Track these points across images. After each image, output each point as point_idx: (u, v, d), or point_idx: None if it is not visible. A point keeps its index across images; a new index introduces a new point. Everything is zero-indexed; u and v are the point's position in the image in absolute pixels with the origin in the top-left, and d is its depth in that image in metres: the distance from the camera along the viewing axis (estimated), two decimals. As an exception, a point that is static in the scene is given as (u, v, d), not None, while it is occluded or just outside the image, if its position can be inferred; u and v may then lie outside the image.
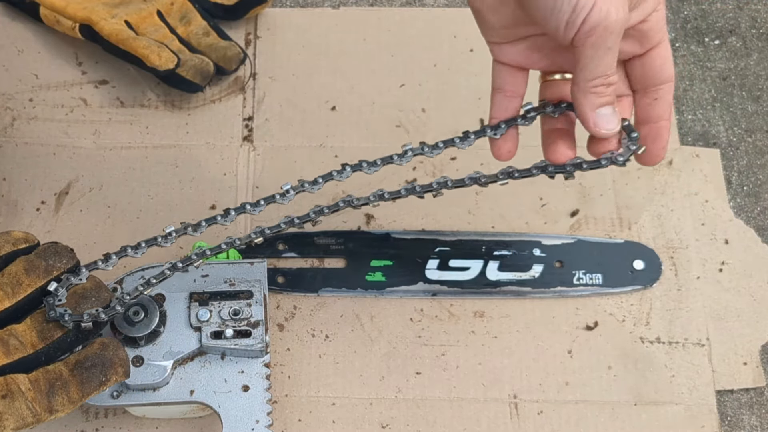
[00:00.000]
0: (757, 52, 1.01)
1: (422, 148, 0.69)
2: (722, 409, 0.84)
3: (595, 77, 0.61)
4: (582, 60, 0.61)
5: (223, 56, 0.93)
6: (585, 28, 0.59)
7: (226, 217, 0.70)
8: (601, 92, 0.62)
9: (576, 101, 0.63)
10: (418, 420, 0.81)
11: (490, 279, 0.86)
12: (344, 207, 0.70)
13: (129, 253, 0.69)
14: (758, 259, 0.90)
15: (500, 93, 0.68)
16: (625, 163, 0.65)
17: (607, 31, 0.59)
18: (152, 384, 0.71)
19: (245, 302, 0.73)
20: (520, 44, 0.66)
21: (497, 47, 0.67)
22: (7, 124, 0.92)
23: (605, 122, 0.63)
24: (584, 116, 0.63)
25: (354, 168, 0.70)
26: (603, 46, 0.60)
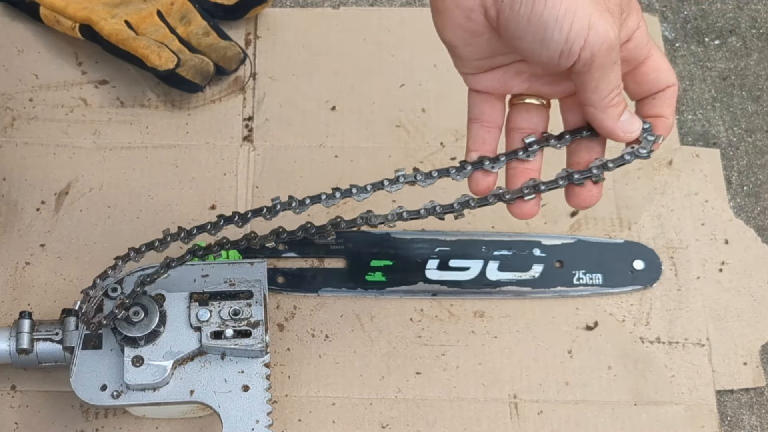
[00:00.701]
0: (757, 52, 1.01)
1: (415, 176, 0.67)
2: (722, 409, 0.84)
3: (609, 92, 0.61)
4: (590, 83, 0.60)
5: (223, 56, 0.93)
6: (586, 55, 0.58)
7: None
8: (617, 102, 0.62)
9: (596, 120, 0.63)
10: (418, 420, 0.81)
11: (490, 279, 0.86)
12: (362, 224, 0.69)
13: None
14: (758, 259, 0.90)
15: (477, 123, 0.66)
16: (649, 155, 0.65)
17: (610, 49, 0.58)
18: (152, 384, 0.71)
19: (245, 302, 0.73)
20: (496, 72, 0.65)
21: (472, 77, 0.65)
22: (7, 124, 0.92)
23: (629, 126, 0.63)
24: (610, 131, 0.63)
25: (344, 194, 0.68)
26: (609, 64, 0.59)
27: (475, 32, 0.61)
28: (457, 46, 0.62)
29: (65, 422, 0.80)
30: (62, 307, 0.77)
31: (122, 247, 0.86)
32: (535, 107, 0.66)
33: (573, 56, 0.58)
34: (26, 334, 0.74)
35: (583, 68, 0.59)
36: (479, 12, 0.59)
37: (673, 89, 0.65)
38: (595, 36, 0.57)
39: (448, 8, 0.60)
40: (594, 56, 0.58)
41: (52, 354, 0.75)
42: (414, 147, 0.93)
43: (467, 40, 0.62)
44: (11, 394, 0.81)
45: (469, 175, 0.66)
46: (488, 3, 0.59)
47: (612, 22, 0.58)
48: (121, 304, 0.71)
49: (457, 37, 0.62)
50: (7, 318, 0.83)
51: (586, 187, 0.66)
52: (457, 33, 0.61)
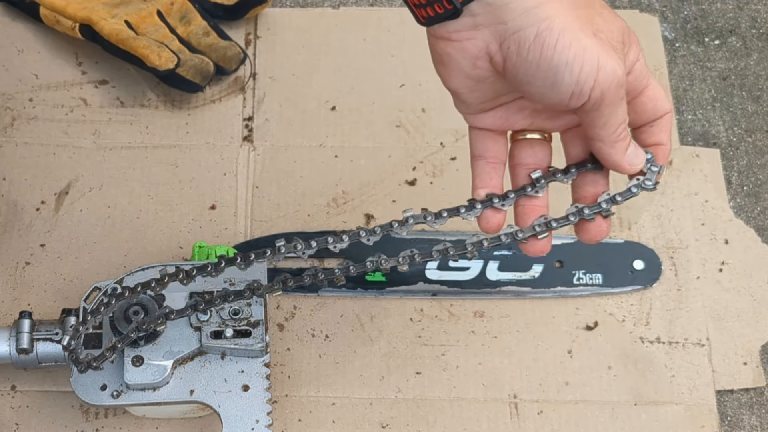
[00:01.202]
0: (757, 52, 1.01)
1: (424, 216, 0.67)
2: (722, 409, 0.84)
3: (618, 127, 0.61)
4: (600, 120, 0.60)
5: (223, 56, 0.93)
6: (596, 95, 0.58)
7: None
8: (625, 137, 0.62)
9: (604, 155, 0.63)
10: (418, 420, 0.81)
11: (490, 279, 0.86)
12: (372, 267, 0.68)
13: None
14: (758, 259, 0.90)
15: (482, 160, 0.66)
16: (655, 187, 0.66)
17: (619, 87, 0.58)
18: (152, 384, 0.71)
19: (245, 302, 0.73)
20: (498, 110, 0.65)
21: (473, 116, 0.65)
22: (7, 124, 0.92)
23: (635, 159, 0.63)
24: (618, 164, 0.63)
25: (351, 237, 0.67)
26: (617, 100, 0.59)
27: (481, 78, 0.61)
28: (462, 93, 0.63)
29: (65, 422, 0.80)
30: (62, 307, 0.77)
31: (122, 247, 0.87)
32: (538, 142, 0.66)
33: (583, 97, 0.58)
34: (26, 334, 0.74)
35: (593, 107, 0.59)
36: (485, 59, 0.60)
37: (669, 116, 0.65)
38: (605, 75, 0.57)
39: (453, 59, 0.60)
40: (604, 95, 0.58)
41: (52, 354, 0.75)
42: (414, 147, 0.93)
43: (472, 86, 0.62)
44: (11, 394, 0.81)
45: (479, 214, 0.66)
46: (493, 50, 0.59)
47: (618, 60, 0.58)
48: (112, 346, 0.70)
49: (463, 86, 0.62)
50: (7, 318, 0.83)
51: (596, 222, 0.66)
52: (463, 81, 0.62)
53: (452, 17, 0.58)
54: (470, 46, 0.59)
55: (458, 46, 0.59)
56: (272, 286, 0.69)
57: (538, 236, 0.65)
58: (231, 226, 0.88)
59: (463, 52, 0.60)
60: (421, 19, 0.60)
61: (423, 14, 0.59)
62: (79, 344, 0.70)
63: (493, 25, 0.58)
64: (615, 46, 0.59)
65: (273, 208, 0.90)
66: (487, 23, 0.58)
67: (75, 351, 0.70)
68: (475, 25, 0.58)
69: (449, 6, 0.58)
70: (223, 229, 0.88)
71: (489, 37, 0.58)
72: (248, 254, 0.68)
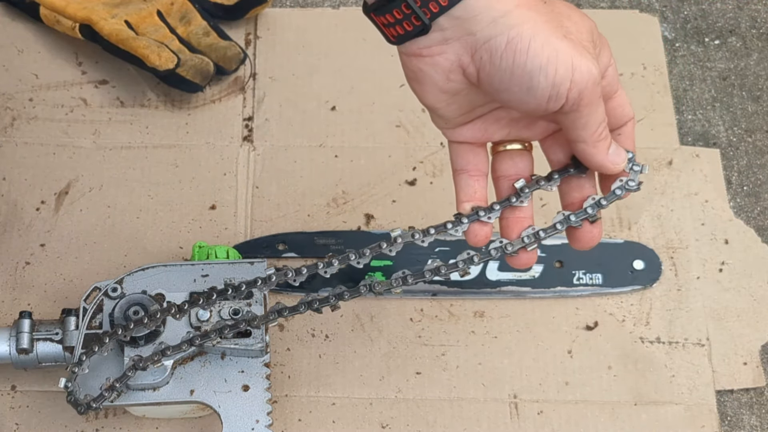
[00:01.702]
0: (757, 52, 1.01)
1: (412, 234, 0.67)
2: (722, 409, 0.84)
3: (598, 127, 0.61)
4: (580, 120, 0.60)
5: (223, 56, 0.93)
6: (573, 95, 0.58)
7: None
8: (606, 136, 0.62)
9: (588, 156, 0.63)
10: (418, 420, 0.81)
11: (490, 279, 0.86)
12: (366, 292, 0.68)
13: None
14: (758, 259, 0.90)
15: (464, 174, 0.66)
16: (639, 187, 0.66)
17: (595, 85, 0.58)
18: (152, 384, 0.71)
19: (245, 302, 0.73)
20: (476, 122, 0.65)
21: (451, 131, 0.65)
22: (7, 124, 0.92)
23: (618, 157, 0.63)
24: (601, 164, 0.63)
25: (341, 261, 0.67)
26: (595, 100, 0.59)
27: (456, 91, 0.61)
28: (439, 108, 0.63)
29: (65, 422, 0.80)
30: (62, 307, 0.77)
31: (122, 247, 0.87)
32: (518, 152, 0.66)
33: (561, 99, 0.58)
34: (26, 334, 0.74)
35: (572, 108, 0.59)
36: (458, 72, 0.60)
37: (632, 122, 0.66)
38: (580, 76, 0.57)
39: (427, 74, 0.60)
40: (581, 95, 0.58)
41: (52, 354, 0.75)
42: (414, 147, 0.93)
43: (448, 100, 0.62)
44: (11, 394, 0.81)
45: (465, 229, 0.66)
46: (465, 62, 0.59)
47: (592, 59, 0.58)
48: (111, 386, 0.70)
49: (438, 100, 0.62)
50: (7, 318, 0.83)
51: (585, 229, 0.66)
52: (439, 96, 0.62)
53: (421, 33, 0.58)
54: (442, 60, 0.59)
55: (430, 62, 0.60)
56: (267, 316, 0.70)
57: (527, 248, 0.65)
58: (231, 226, 0.88)
59: (436, 66, 0.60)
60: (390, 38, 0.60)
61: (393, 33, 0.59)
62: (77, 386, 0.70)
63: (463, 37, 0.58)
64: (587, 46, 0.59)
65: (273, 208, 0.90)
66: (456, 36, 0.58)
67: (73, 393, 0.70)
68: (445, 39, 0.58)
69: (417, 23, 0.58)
70: (223, 229, 0.88)
71: (460, 50, 0.59)
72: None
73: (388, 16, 0.59)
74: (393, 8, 0.58)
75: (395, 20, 0.58)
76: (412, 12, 0.57)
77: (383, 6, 0.58)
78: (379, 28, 0.60)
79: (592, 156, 0.63)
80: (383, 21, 0.59)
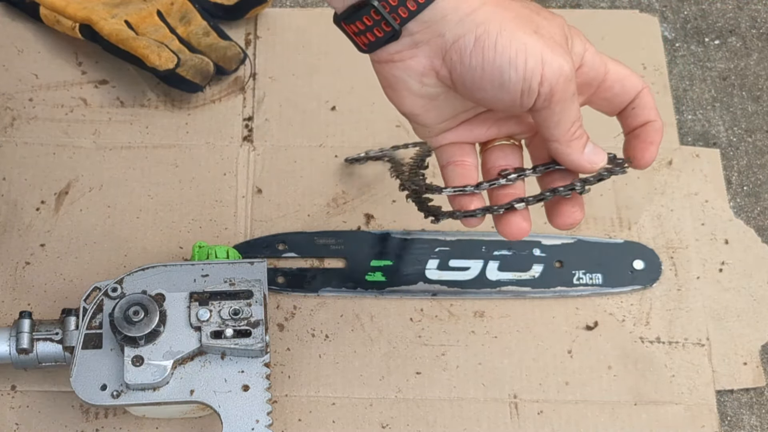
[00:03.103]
0: (757, 52, 1.01)
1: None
2: (722, 409, 0.84)
3: (571, 125, 0.60)
4: (552, 118, 0.60)
5: (223, 56, 0.93)
6: (545, 90, 0.58)
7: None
8: (580, 135, 0.61)
9: (562, 155, 0.62)
10: (418, 420, 0.81)
11: (490, 279, 0.86)
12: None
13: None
14: (758, 259, 0.90)
15: (450, 165, 0.65)
16: (625, 170, 0.65)
17: (567, 81, 0.58)
18: (152, 384, 0.71)
19: (245, 302, 0.73)
20: (460, 127, 0.64)
21: (435, 139, 0.65)
22: (7, 124, 0.92)
23: (594, 157, 0.62)
24: (577, 163, 0.62)
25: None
26: (568, 96, 0.59)
27: (432, 96, 0.61)
28: (418, 114, 0.62)
29: (65, 422, 0.80)
30: (62, 307, 0.77)
31: (122, 247, 0.87)
32: (508, 147, 0.65)
33: (533, 94, 0.58)
34: (26, 334, 0.74)
35: (544, 104, 0.59)
36: (431, 75, 0.60)
37: (645, 92, 0.64)
38: (551, 70, 0.57)
39: (400, 80, 0.60)
40: (553, 90, 0.58)
41: (52, 354, 0.75)
42: (414, 147, 0.93)
43: (426, 106, 0.62)
44: (11, 395, 0.81)
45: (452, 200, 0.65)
46: (437, 64, 0.59)
47: (564, 54, 0.58)
48: None
49: (416, 106, 0.62)
50: (7, 318, 0.83)
51: (568, 206, 0.64)
52: (415, 101, 0.61)
53: (392, 39, 0.58)
54: (414, 64, 0.59)
55: (402, 66, 0.60)
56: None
57: (515, 206, 0.63)
58: (231, 226, 0.88)
59: (408, 71, 0.60)
60: (362, 46, 0.60)
61: (364, 41, 0.60)
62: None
63: (432, 39, 0.58)
64: (559, 42, 0.58)
65: (273, 208, 0.90)
66: (426, 39, 0.58)
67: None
68: (415, 43, 0.59)
69: (388, 29, 0.58)
70: (223, 229, 0.88)
71: (430, 53, 0.59)
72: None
73: (358, 24, 0.59)
74: (362, 15, 0.58)
75: (365, 27, 0.58)
76: (381, 18, 0.58)
77: (353, 14, 0.59)
78: (350, 37, 0.61)
79: (567, 155, 0.62)
80: (354, 29, 0.59)
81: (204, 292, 0.74)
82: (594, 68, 0.62)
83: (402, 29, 0.58)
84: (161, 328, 0.72)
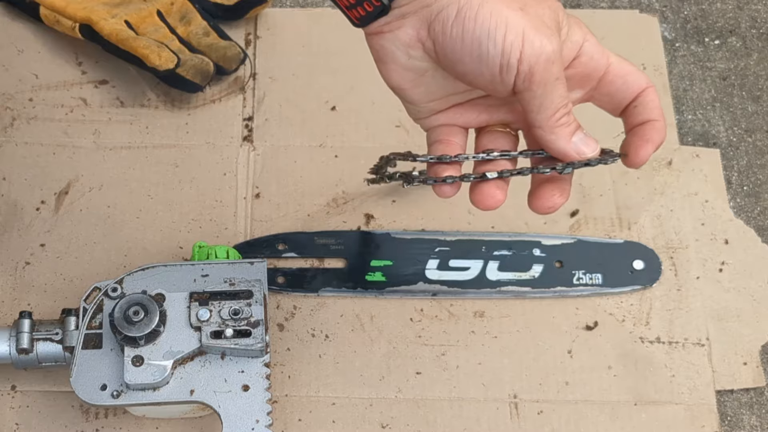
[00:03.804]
0: (757, 52, 1.01)
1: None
2: (722, 409, 0.84)
3: (555, 111, 0.60)
4: (534, 101, 0.59)
5: (223, 56, 0.93)
6: (524, 68, 0.57)
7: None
8: (567, 122, 0.60)
9: (547, 142, 0.61)
10: (418, 420, 0.81)
11: (490, 279, 0.86)
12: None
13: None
14: (758, 259, 0.90)
15: (436, 143, 0.65)
16: (616, 159, 0.63)
17: (549, 63, 0.57)
18: (152, 384, 0.71)
19: (245, 302, 0.73)
20: (451, 110, 0.64)
21: (426, 120, 0.65)
22: (7, 124, 0.92)
23: (583, 147, 0.61)
24: (563, 151, 0.61)
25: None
26: (550, 79, 0.58)
27: (420, 70, 0.61)
28: (406, 89, 0.63)
29: (65, 422, 0.80)
30: (62, 307, 0.77)
31: (122, 248, 0.87)
32: (502, 133, 0.65)
33: (512, 70, 0.57)
34: (26, 334, 0.74)
35: (523, 84, 0.58)
36: (417, 47, 0.60)
37: (650, 90, 0.63)
38: (531, 49, 0.57)
39: (388, 50, 0.61)
40: (532, 70, 0.57)
41: (52, 354, 0.75)
42: (414, 147, 0.93)
43: (414, 80, 0.62)
44: (11, 394, 0.81)
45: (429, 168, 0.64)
46: (423, 36, 0.59)
47: (549, 35, 0.57)
48: None
49: (404, 79, 0.62)
50: (7, 318, 0.83)
51: (548, 189, 0.63)
52: (403, 75, 0.62)
53: (382, 14, 0.59)
54: (402, 35, 0.60)
55: (390, 37, 0.60)
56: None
57: (487, 174, 0.62)
58: (231, 226, 0.88)
59: (396, 41, 0.60)
60: (354, 20, 0.61)
61: (355, 15, 0.60)
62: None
63: (419, 10, 0.59)
64: (546, 22, 0.58)
65: (273, 208, 0.90)
66: (413, 10, 0.59)
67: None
68: (403, 14, 0.59)
69: (377, 3, 0.59)
70: (223, 229, 0.88)
71: (417, 23, 0.59)
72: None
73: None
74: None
75: (356, 1, 0.59)
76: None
77: None
78: (343, 10, 0.61)
79: (551, 142, 0.61)
80: (345, 3, 0.60)
81: (204, 292, 0.74)
82: (594, 59, 0.62)
83: (391, 3, 0.59)
84: (161, 328, 0.72)
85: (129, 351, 0.71)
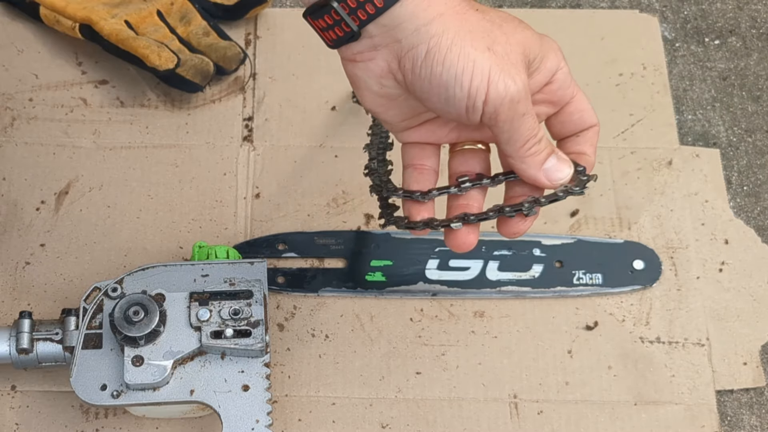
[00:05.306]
0: (757, 52, 1.01)
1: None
2: (722, 409, 0.84)
3: (525, 143, 0.60)
4: (502, 135, 0.60)
5: (223, 56, 0.93)
6: (489, 110, 0.58)
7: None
8: (537, 151, 0.61)
9: (518, 170, 0.62)
10: (418, 420, 0.81)
11: (490, 279, 0.86)
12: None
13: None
14: (758, 259, 0.90)
15: (410, 168, 0.66)
16: (583, 192, 0.63)
17: (513, 102, 0.58)
18: (152, 384, 0.71)
19: (245, 302, 0.73)
20: (424, 126, 0.65)
21: (400, 134, 0.66)
22: (7, 124, 0.92)
23: (557, 173, 0.62)
24: (534, 178, 0.62)
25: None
26: (516, 116, 0.58)
27: (391, 96, 0.62)
28: (379, 112, 0.64)
29: (65, 422, 0.80)
30: (62, 307, 0.77)
31: (122, 248, 0.87)
32: (472, 152, 0.66)
33: (477, 111, 0.58)
34: (26, 334, 0.74)
35: (490, 122, 0.59)
36: (389, 78, 0.61)
37: (596, 129, 0.65)
38: (495, 92, 0.57)
39: (361, 79, 0.62)
40: (497, 111, 0.58)
41: (52, 354, 0.75)
42: (414, 147, 0.93)
43: (386, 105, 0.63)
44: (11, 395, 0.81)
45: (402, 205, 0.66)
46: (394, 68, 0.60)
47: (514, 75, 0.57)
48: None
49: (376, 104, 0.63)
50: (7, 318, 0.83)
51: (515, 220, 0.64)
52: (375, 100, 0.63)
53: (353, 39, 0.60)
54: (373, 66, 0.60)
55: (363, 67, 0.61)
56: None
57: (452, 225, 0.64)
58: (231, 226, 0.88)
59: (368, 71, 0.61)
60: (328, 41, 0.61)
61: (329, 37, 0.61)
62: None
63: (390, 44, 0.59)
64: (513, 60, 0.58)
65: (273, 208, 0.90)
66: (384, 43, 0.59)
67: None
68: (374, 46, 0.60)
69: (348, 29, 0.59)
70: (223, 229, 0.88)
71: (388, 56, 0.60)
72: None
73: (321, 21, 0.60)
74: (324, 14, 0.59)
75: (328, 25, 0.59)
76: (341, 18, 0.59)
77: (317, 11, 0.60)
78: (317, 31, 0.61)
79: (523, 171, 0.62)
80: (319, 25, 0.60)
81: (204, 292, 0.74)
82: (563, 89, 0.63)
83: (361, 31, 0.59)
84: (161, 328, 0.72)
85: (129, 351, 0.71)
